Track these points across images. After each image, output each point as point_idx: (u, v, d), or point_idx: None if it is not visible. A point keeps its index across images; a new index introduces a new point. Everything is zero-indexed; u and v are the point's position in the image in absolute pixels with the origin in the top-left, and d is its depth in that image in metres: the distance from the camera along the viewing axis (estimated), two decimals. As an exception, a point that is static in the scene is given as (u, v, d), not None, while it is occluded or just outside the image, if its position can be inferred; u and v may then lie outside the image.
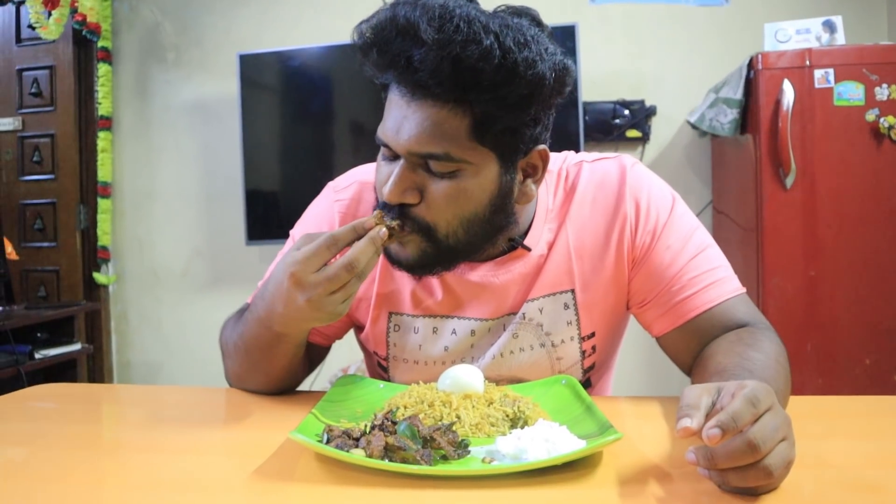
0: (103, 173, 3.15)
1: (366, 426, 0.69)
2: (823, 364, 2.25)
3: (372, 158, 0.93)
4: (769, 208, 2.28)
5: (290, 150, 2.97)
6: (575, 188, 0.99)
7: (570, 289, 0.98)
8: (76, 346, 2.70)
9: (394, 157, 0.86)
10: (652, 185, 0.99)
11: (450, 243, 0.86)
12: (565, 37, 2.63)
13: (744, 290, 0.96)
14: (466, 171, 0.83)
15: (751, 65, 2.31)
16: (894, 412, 0.90)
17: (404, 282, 0.99)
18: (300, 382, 1.02)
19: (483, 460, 0.66)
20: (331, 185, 1.07)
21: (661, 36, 2.94)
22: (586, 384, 1.05)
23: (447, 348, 1.00)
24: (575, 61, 2.57)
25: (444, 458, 0.66)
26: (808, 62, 2.24)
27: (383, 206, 0.85)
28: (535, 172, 0.90)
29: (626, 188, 0.97)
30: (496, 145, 0.83)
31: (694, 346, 0.95)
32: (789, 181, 2.24)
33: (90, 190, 3.21)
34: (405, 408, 0.78)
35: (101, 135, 3.16)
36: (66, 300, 3.14)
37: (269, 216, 2.95)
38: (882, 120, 2.19)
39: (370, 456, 0.63)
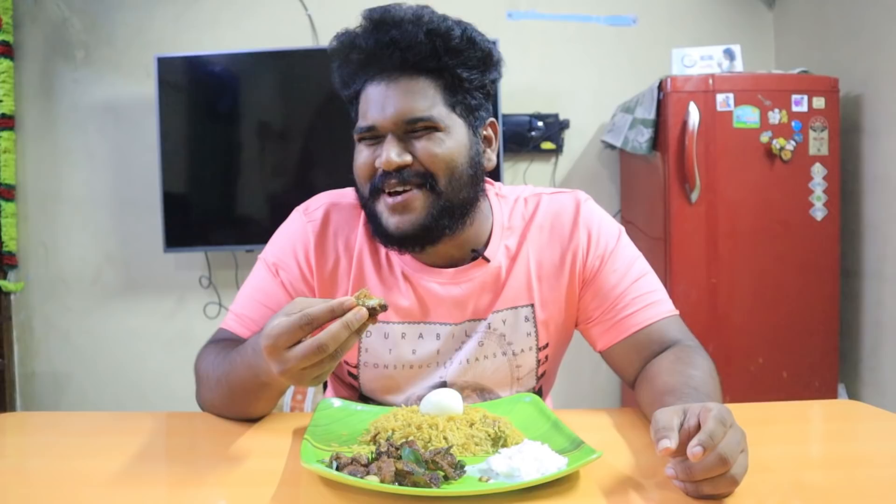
0: (6, 175, 2.97)
1: (371, 453, 0.75)
2: (723, 363, 2.46)
3: (286, 163, 1.02)
4: (676, 221, 2.47)
5: (209, 155, 2.91)
6: (534, 216, 1.12)
7: (530, 304, 1.10)
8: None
9: (374, 139, 1.00)
10: (602, 218, 1.13)
11: (449, 195, 0.99)
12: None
13: (677, 312, 1.11)
14: (445, 132, 0.99)
15: (661, 87, 2.49)
16: (815, 416, 1.08)
17: (375, 290, 1.07)
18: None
19: (480, 479, 0.74)
20: (300, 208, 1.14)
21: (573, 53, 3.10)
22: (539, 392, 1.16)
23: (415, 352, 1.09)
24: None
25: (446, 478, 0.73)
26: (711, 86, 2.44)
27: (383, 175, 0.98)
28: (491, 143, 1.09)
29: (580, 219, 1.11)
30: (463, 112, 1.02)
31: (634, 359, 1.08)
32: (694, 196, 2.44)
33: (-10, 192, 3.02)
34: (393, 431, 0.84)
35: (4, 134, 2.97)
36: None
37: (188, 223, 2.88)
38: (774, 142, 2.43)
39: (383, 481, 0.69)
